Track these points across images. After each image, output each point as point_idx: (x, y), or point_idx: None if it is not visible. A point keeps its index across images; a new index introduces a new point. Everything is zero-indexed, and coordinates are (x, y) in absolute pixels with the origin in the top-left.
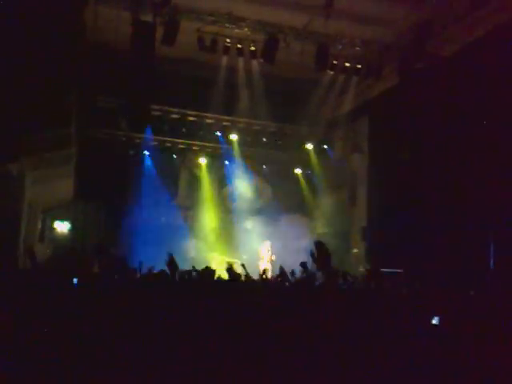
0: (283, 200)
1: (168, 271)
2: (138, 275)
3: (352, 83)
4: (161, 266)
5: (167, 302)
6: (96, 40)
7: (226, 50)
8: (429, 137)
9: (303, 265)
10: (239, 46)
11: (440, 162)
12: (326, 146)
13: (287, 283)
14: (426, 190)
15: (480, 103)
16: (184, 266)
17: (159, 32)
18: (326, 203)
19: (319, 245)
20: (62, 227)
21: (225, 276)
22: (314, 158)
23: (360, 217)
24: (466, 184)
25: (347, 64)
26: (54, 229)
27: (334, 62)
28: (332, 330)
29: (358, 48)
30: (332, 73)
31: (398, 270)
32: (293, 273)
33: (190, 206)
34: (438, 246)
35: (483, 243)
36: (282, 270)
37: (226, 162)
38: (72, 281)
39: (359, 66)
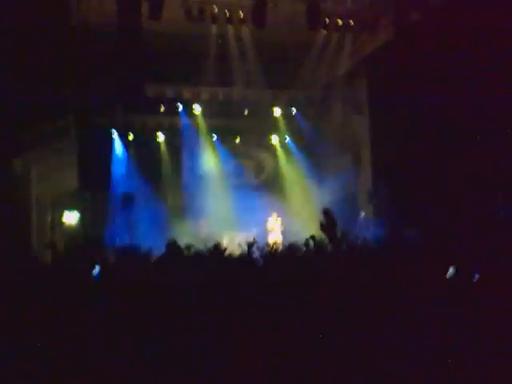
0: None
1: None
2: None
3: (347, 42)
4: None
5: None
6: (80, 23)
7: (215, 18)
8: (431, 91)
9: (312, 238)
10: (227, 13)
11: (443, 117)
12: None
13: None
14: (431, 147)
15: (484, 52)
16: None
17: (145, 8)
18: (329, 169)
19: (326, 213)
20: (71, 218)
21: (236, 253)
22: (314, 123)
23: (366, 180)
24: (474, 138)
25: (340, 21)
26: (63, 221)
27: (326, 20)
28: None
29: (349, 4)
30: (325, 32)
31: (409, 230)
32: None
33: (196, 185)
34: (446, 203)
35: (492, 194)
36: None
37: (227, 137)
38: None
39: (352, 23)
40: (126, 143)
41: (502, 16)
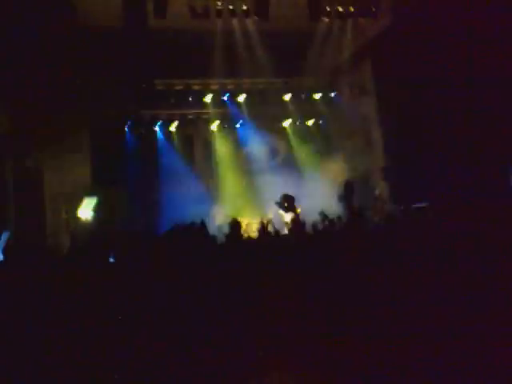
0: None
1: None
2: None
3: (349, 27)
4: None
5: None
6: (88, 22)
7: (219, 13)
8: (432, 68)
9: (322, 214)
10: (231, 7)
11: (451, 92)
12: (333, 94)
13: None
14: (440, 124)
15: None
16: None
17: (150, 7)
18: (341, 150)
19: (348, 184)
20: (86, 214)
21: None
22: (323, 107)
23: (378, 158)
24: (481, 111)
25: (340, 9)
26: (78, 217)
27: (327, 8)
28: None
29: None
30: (327, 20)
31: (424, 205)
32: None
33: (210, 175)
34: (458, 176)
35: (504, 167)
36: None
37: (238, 125)
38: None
39: (352, 9)
40: (138, 135)
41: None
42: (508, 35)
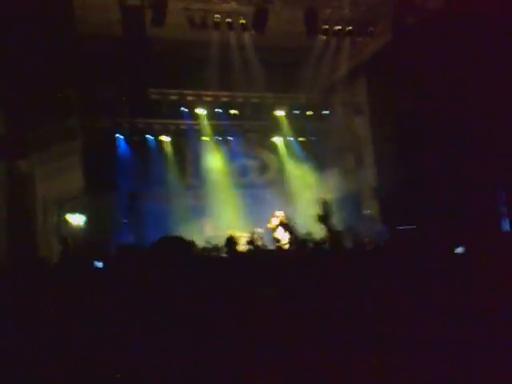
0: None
1: None
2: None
3: (345, 46)
4: None
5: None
6: (86, 30)
7: (217, 25)
8: (428, 91)
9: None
10: (229, 20)
11: (443, 115)
12: (326, 112)
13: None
14: (433, 145)
15: (479, 52)
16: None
17: (149, 16)
18: (332, 168)
19: (323, 204)
20: (76, 220)
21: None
22: (316, 124)
23: (369, 178)
24: (474, 135)
25: (338, 27)
26: (68, 222)
27: (325, 26)
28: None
29: (346, 10)
30: (324, 38)
31: (412, 227)
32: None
33: (201, 186)
34: (449, 199)
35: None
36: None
37: (230, 138)
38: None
39: (350, 28)
40: (130, 145)
41: (499, 19)
42: (507, 61)
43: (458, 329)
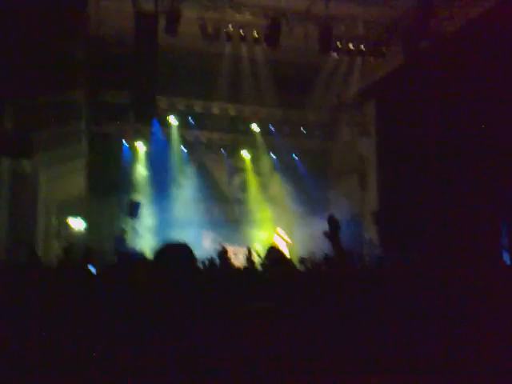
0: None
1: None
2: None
3: (357, 66)
4: None
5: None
6: (99, 34)
7: (229, 37)
8: (438, 117)
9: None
10: (242, 32)
11: (451, 143)
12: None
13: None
14: (438, 172)
15: (491, 79)
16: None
17: (162, 23)
18: (335, 189)
19: (331, 219)
20: (77, 224)
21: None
22: (322, 143)
23: (371, 202)
24: (478, 165)
25: (351, 46)
26: (69, 226)
27: (338, 44)
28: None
29: (360, 29)
30: (336, 56)
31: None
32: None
33: (201, 199)
34: (451, 228)
35: (497, 223)
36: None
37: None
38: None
39: (363, 48)
40: (135, 152)
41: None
42: None
43: (455, 353)
